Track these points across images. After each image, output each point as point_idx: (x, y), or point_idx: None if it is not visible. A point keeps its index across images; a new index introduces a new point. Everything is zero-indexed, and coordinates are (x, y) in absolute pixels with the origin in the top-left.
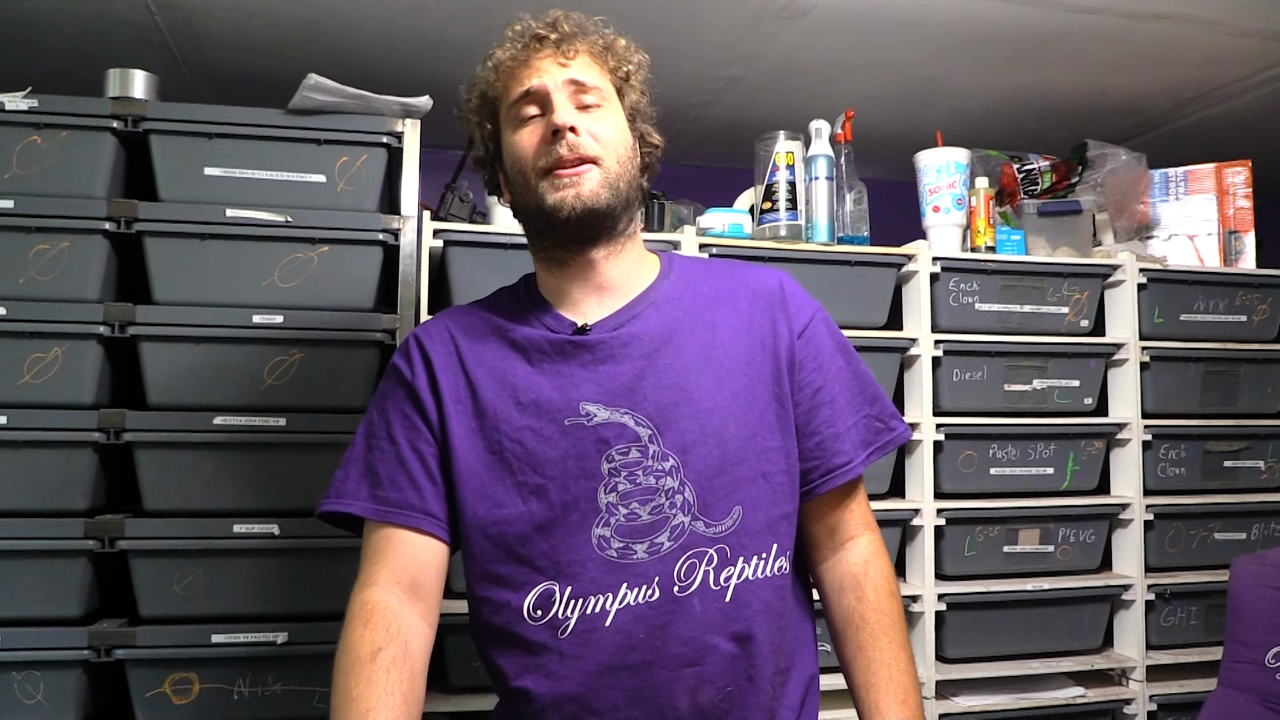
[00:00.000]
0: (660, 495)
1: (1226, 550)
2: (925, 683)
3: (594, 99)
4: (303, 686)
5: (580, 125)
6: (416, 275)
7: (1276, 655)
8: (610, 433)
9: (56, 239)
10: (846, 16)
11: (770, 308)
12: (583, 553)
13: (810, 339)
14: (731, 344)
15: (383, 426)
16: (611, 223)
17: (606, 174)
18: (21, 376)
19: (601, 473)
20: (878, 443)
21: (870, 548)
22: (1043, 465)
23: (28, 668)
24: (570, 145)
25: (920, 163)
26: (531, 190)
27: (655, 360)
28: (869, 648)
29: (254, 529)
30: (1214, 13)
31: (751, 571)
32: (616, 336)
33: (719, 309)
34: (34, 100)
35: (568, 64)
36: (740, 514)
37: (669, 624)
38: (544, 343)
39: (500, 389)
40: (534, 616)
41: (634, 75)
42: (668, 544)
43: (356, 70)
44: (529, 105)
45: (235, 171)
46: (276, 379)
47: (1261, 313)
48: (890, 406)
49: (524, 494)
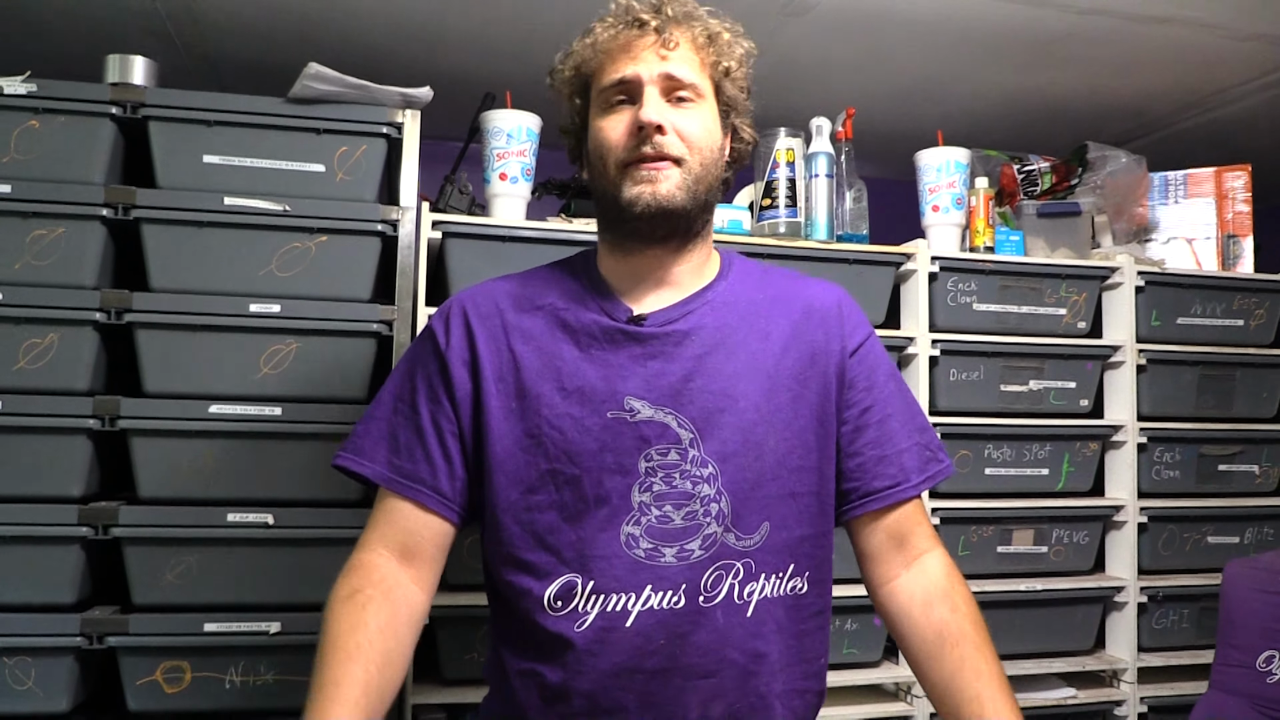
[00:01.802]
0: (695, 501)
1: (1219, 554)
2: (917, 681)
3: (688, 94)
4: (295, 676)
5: (669, 123)
6: (415, 266)
7: (1268, 659)
8: (652, 431)
9: (53, 224)
10: (848, 14)
11: (825, 323)
12: (610, 548)
13: (863, 359)
14: (783, 356)
15: (409, 392)
16: (686, 224)
17: (687, 175)
18: (16, 362)
19: (638, 470)
20: (929, 471)
21: (946, 561)
22: (1038, 466)
23: (19, 654)
24: (655, 144)
25: (920, 162)
26: (609, 180)
27: (705, 362)
28: (974, 659)
29: (248, 518)
30: (1216, 16)
31: (770, 589)
32: (669, 333)
33: (774, 318)
34: (33, 85)
35: (667, 55)
36: (767, 530)
37: (691, 633)
38: (596, 328)
39: (545, 370)
40: (554, 607)
41: (734, 70)
42: (699, 552)
43: (357, 60)
44: (620, 92)
45: (234, 160)
46: (273, 368)
47: (1258, 317)
48: (937, 438)
49: (558, 482)
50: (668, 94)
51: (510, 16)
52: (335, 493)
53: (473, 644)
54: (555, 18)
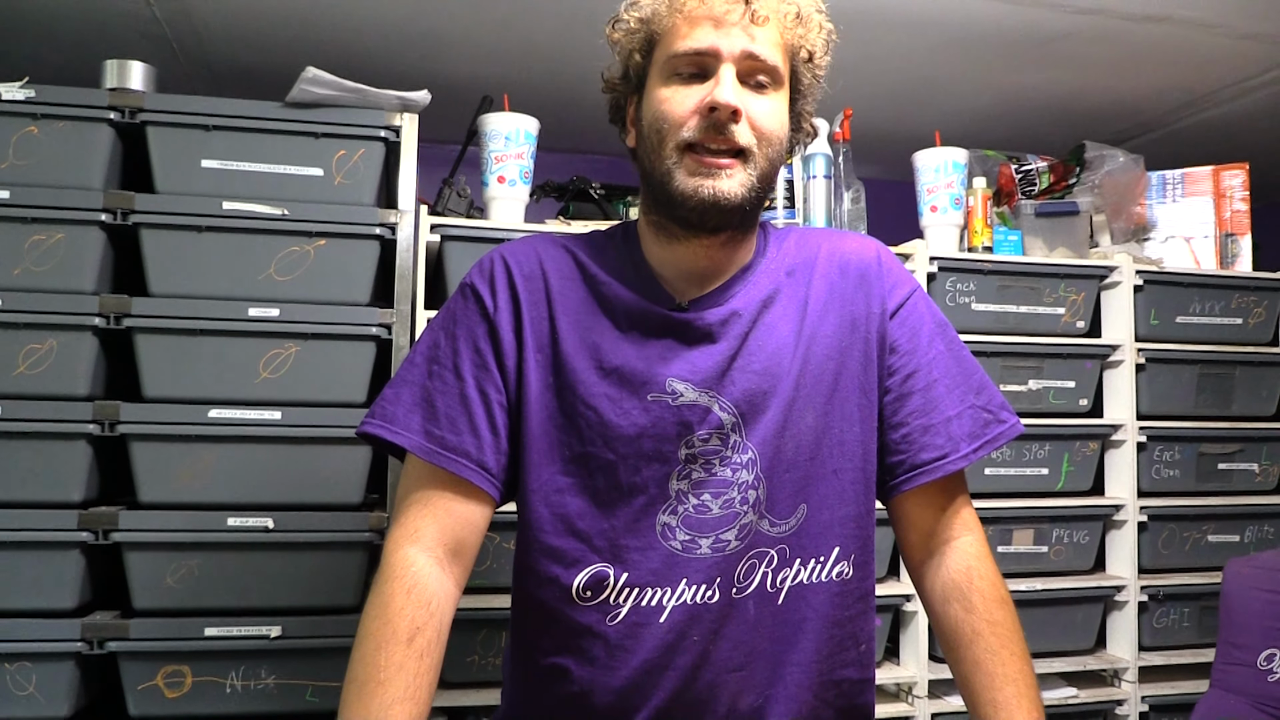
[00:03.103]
0: (734, 489)
1: (1220, 552)
2: (918, 682)
3: (766, 80)
4: (296, 680)
5: (744, 109)
6: (413, 270)
7: (1269, 658)
8: (694, 415)
9: (52, 230)
10: (845, 15)
11: (863, 282)
12: (645, 539)
13: (905, 319)
14: (821, 323)
15: (449, 355)
16: (741, 218)
17: (753, 171)
18: (16, 367)
19: (678, 457)
20: (986, 435)
21: (973, 550)
22: (1037, 466)
23: (20, 659)
24: (728, 132)
25: (918, 162)
26: (664, 159)
27: (747, 342)
28: (988, 662)
29: (248, 522)
30: (1214, 15)
31: (807, 575)
32: (716, 314)
33: (813, 284)
34: (31, 90)
35: (754, 33)
36: (805, 513)
37: (723, 626)
38: (636, 309)
39: (583, 346)
40: (583, 597)
41: (816, 56)
42: (734, 542)
43: (355, 64)
44: (693, 63)
45: (232, 164)
46: (272, 372)
47: (1257, 316)
48: (999, 397)
49: (590, 468)
50: (747, 75)
51: (507, 20)
52: (335, 497)
53: (474, 647)
54: (552, 21)
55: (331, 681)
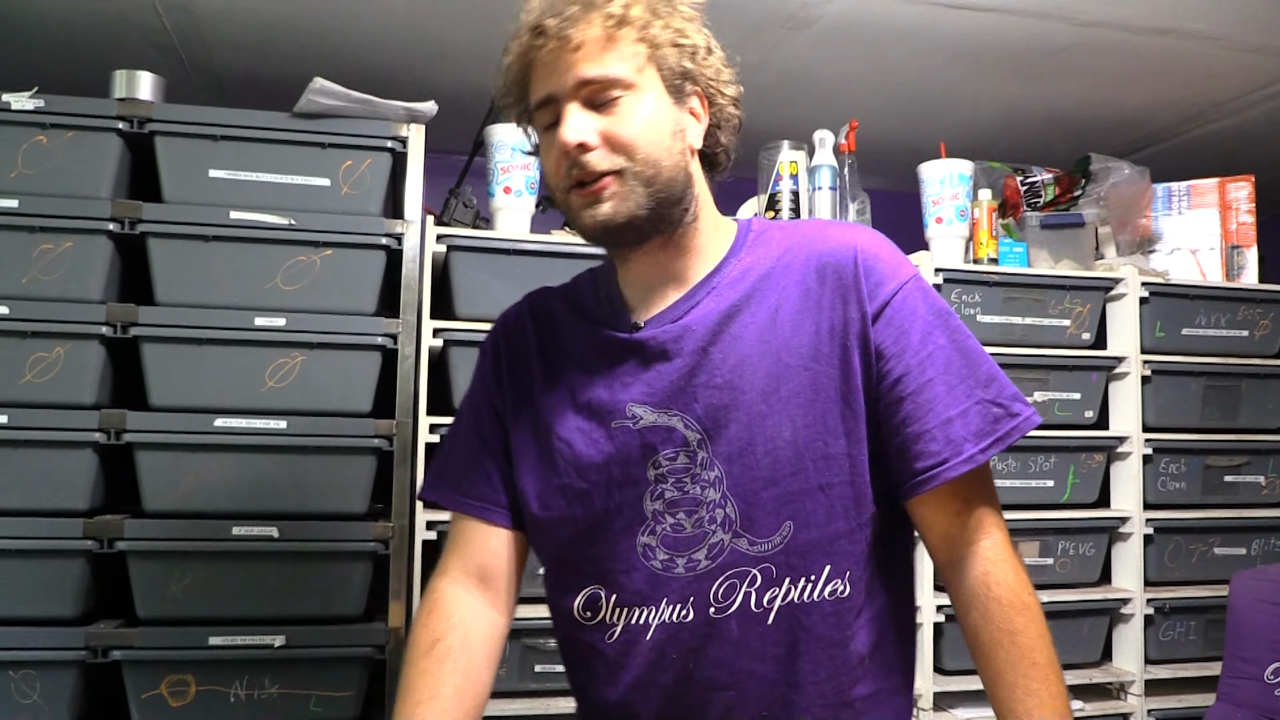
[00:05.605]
0: (703, 508)
1: (1226, 565)
2: (923, 694)
3: (614, 92)
4: (300, 690)
5: (594, 135)
6: (419, 280)
7: (1276, 671)
8: (657, 437)
9: (60, 239)
10: (851, 27)
11: (841, 285)
12: (628, 561)
13: (891, 320)
14: (795, 332)
15: (469, 410)
16: (652, 225)
17: (633, 182)
18: (23, 375)
19: (648, 479)
20: (996, 433)
21: (990, 554)
22: (1043, 478)
23: (24, 667)
24: (581, 165)
25: (923, 174)
26: (564, 205)
27: (709, 354)
28: (1007, 673)
29: (253, 531)
30: (1219, 28)
31: (798, 594)
32: (669, 331)
33: (787, 287)
34: (40, 100)
35: (574, 59)
36: (790, 530)
37: (704, 647)
38: (600, 339)
39: (562, 386)
40: (584, 617)
41: (665, 39)
42: (705, 562)
43: (362, 75)
44: (548, 113)
45: (240, 174)
46: (278, 382)
47: (1263, 328)
48: (1011, 388)
49: (568, 497)
50: (594, 98)
51: (514, 30)
52: (340, 506)
53: None
54: None
55: (335, 691)
